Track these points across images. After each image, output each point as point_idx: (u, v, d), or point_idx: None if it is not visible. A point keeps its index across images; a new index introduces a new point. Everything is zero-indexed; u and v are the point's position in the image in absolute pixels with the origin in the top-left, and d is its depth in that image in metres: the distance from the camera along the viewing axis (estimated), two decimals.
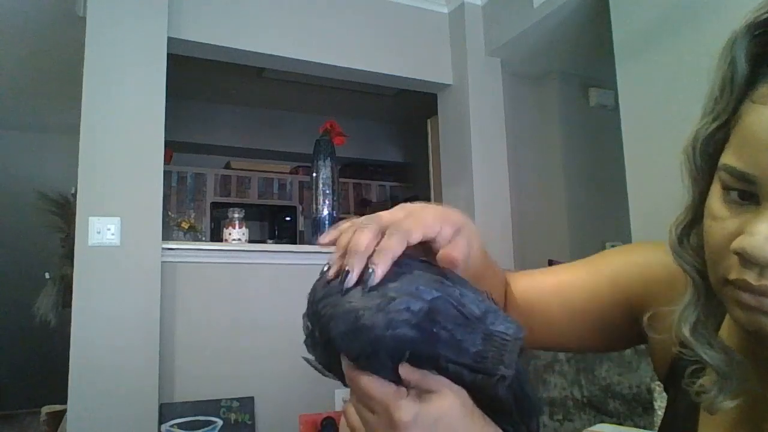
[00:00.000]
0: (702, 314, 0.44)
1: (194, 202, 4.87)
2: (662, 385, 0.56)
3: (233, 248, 2.59)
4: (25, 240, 4.43)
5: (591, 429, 1.51)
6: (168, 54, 2.44)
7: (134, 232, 2.25)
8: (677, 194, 0.51)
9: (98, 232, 2.19)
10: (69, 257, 2.48)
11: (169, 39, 2.45)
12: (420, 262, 0.42)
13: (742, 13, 0.43)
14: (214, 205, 4.93)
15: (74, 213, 2.25)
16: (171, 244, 2.41)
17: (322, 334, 0.41)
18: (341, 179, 5.07)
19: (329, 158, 2.92)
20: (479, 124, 3.04)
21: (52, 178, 4.19)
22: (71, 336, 2.11)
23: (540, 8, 2.69)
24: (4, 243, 4.54)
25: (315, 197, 2.91)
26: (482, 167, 3.01)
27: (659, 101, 2.16)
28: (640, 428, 1.64)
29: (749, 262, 0.37)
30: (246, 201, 4.95)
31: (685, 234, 0.46)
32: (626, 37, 2.31)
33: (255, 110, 5.06)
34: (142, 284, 2.25)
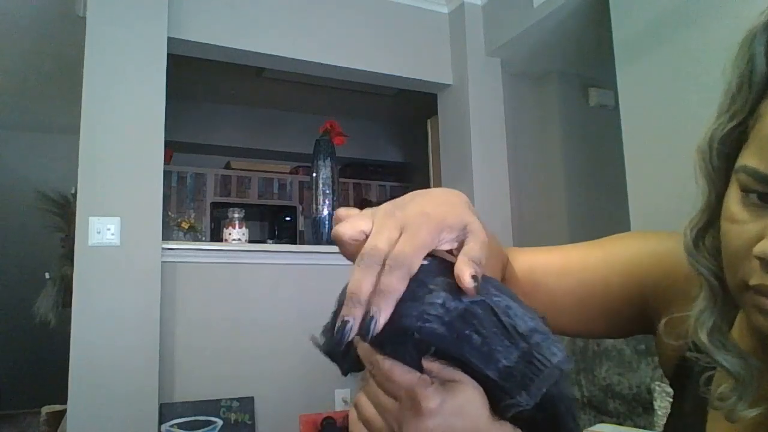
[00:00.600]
0: (718, 319, 0.43)
1: (194, 202, 4.87)
2: (668, 383, 0.56)
3: (233, 248, 2.59)
4: (25, 240, 4.43)
5: (591, 429, 1.51)
6: (168, 54, 2.44)
7: (134, 232, 2.25)
8: (677, 194, 0.50)
9: (98, 232, 2.19)
10: (69, 257, 2.48)
11: (169, 39, 2.45)
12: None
13: (742, 13, 0.43)
14: (214, 205, 4.93)
15: (74, 213, 2.25)
16: (171, 244, 2.41)
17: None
18: (341, 179, 5.07)
19: (329, 158, 2.93)
20: (479, 124, 3.05)
21: (52, 178, 4.19)
22: (71, 336, 2.11)
23: (540, 8, 2.69)
24: (4, 243, 4.54)
25: (315, 197, 2.91)
26: (482, 167, 3.01)
27: (659, 101, 2.16)
28: (640, 428, 1.64)
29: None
30: (246, 201, 4.95)
31: (701, 236, 0.44)
32: (626, 37, 2.31)
33: (255, 110, 5.06)
34: (142, 284, 2.25)
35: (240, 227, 2.69)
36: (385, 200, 0.44)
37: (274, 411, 2.48)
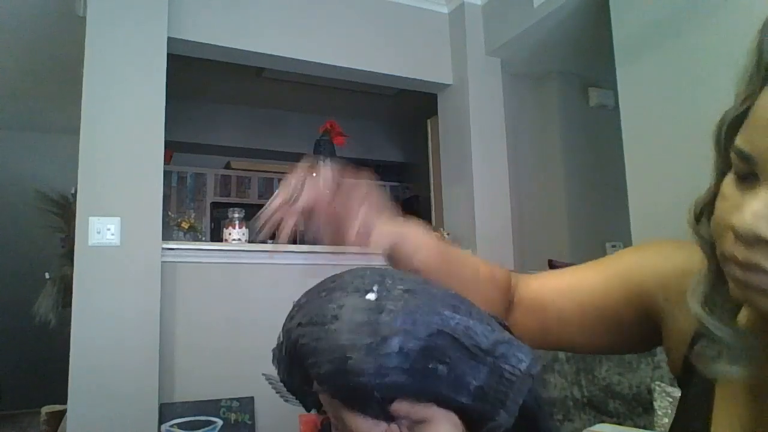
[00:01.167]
0: (713, 290, 0.45)
1: (194, 202, 4.87)
2: (677, 383, 0.56)
3: (233, 248, 2.59)
4: (25, 240, 4.43)
5: (591, 429, 1.51)
6: (168, 54, 2.44)
7: (134, 232, 2.25)
8: (677, 194, 0.51)
9: (98, 232, 2.19)
10: (69, 257, 2.48)
11: (169, 39, 2.45)
12: (425, 285, 0.40)
13: (742, 13, 0.44)
14: (214, 205, 4.93)
15: (74, 213, 2.25)
16: (171, 244, 2.41)
17: (293, 359, 0.39)
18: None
19: (329, 158, 2.93)
20: (479, 124, 3.05)
21: (52, 178, 4.19)
22: (71, 336, 2.11)
23: (540, 8, 2.69)
24: (4, 243, 4.54)
25: None
26: (482, 167, 3.01)
27: (659, 101, 2.16)
28: (640, 428, 1.64)
29: (739, 239, 0.39)
30: (246, 201, 4.95)
31: (703, 212, 0.47)
32: (626, 37, 2.31)
33: (255, 110, 5.06)
34: (142, 284, 2.25)
35: (240, 227, 2.68)
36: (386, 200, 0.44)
37: (274, 411, 2.48)
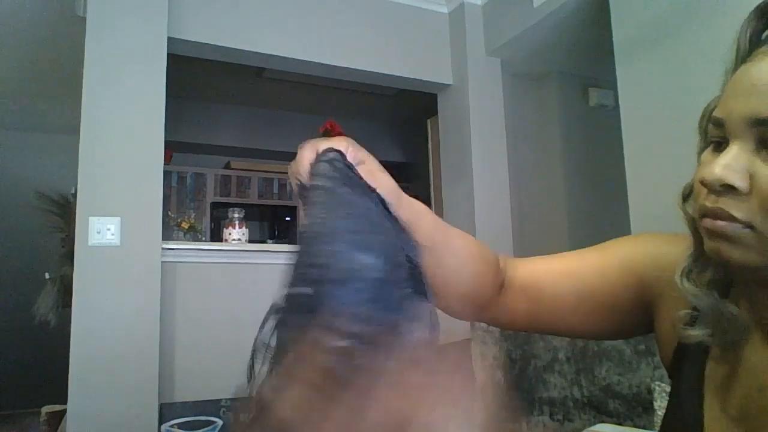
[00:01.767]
0: (695, 262, 0.48)
1: (194, 202, 4.87)
2: (668, 374, 0.57)
3: (233, 248, 2.59)
4: (25, 240, 4.43)
5: (591, 429, 1.51)
6: (168, 54, 2.44)
7: (134, 232, 2.25)
8: (677, 194, 0.52)
9: (98, 232, 2.19)
10: (69, 257, 2.48)
11: (169, 39, 2.45)
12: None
13: (742, 12, 0.46)
14: (214, 205, 4.93)
15: (74, 213, 2.25)
16: (171, 244, 2.41)
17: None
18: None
19: None
20: (479, 124, 3.04)
21: (52, 178, 4.19)
22: (71, 336, 2.11)
23: (540, 8, 2.69)
24: (4, 243, 4.54)
25: None
26: (482, 167, 3.01)
27: (659, 101, 2.16)
28: (640, 428, 1.64)
29: (708, 189, 0.43)
30: (246, 201, 4.95)
31: (689, 192, 0.50)
32: (626, 37, 2.31)
33: (255, 110, 5.06)
34: (142, 284, 2.25)
35: (240, 227, 2.69)
36: None
37: None
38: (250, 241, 2.83)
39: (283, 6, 2.80)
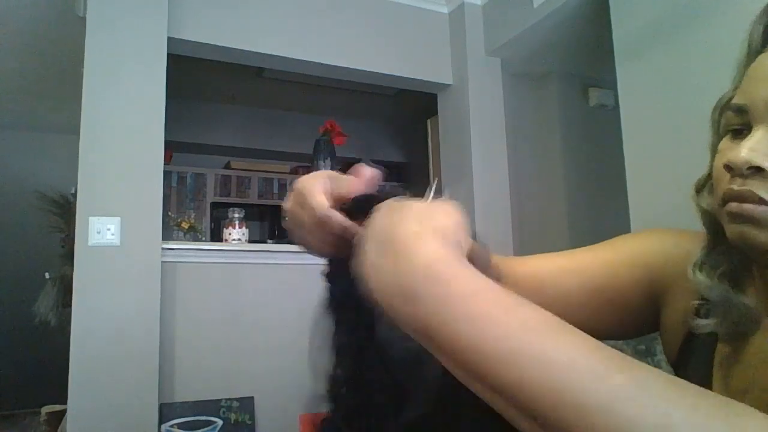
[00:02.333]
0: (710, 255, 0.48)
1: (194, 202, 4.87)
2: (672, 367, 0.56)
3: (233, 248, 2.59)
4: (25, 240, 4.43)
5: None
6: (168, 54, 2.44)
7: (134, 232, 2.25)
8: (677, 194, 0.52)
9: (98, 232, 2.19)
10: (69, 257, 2.48)
11: (169, 39, 2.45)
12: None
13: (742, 12, 0.47)
14: (214, 205, 4.93)
15: (74, 213, 2.25)
16: (171, 244, 2.41)
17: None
18: None
19: (329, 158, 2.93)
20: (479, 124, 3.04)
21: (52, 178, 4.19)
22: (71, 336, 2.11)
23: (540, 8, 2.69)
24: (4, 243, 4.54)
25: None
26: (482, 167, 3.01)
27: (659, 101, 2.16)
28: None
29: (735, 172, 0.42)
30: (246, 201, 4.95)
31: (703, 184, 0.50)
32: (626, 37, 2.30)
33: (255, 110, 5.06)
34: (142, 284, 2.25)
35: (240, 227, 2.69)
36: None
37: (274, 411, 2.48)
38: (250, 241, 2.83)
39: (283, 6, 2.80)
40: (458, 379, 0.33)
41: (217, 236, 4.30)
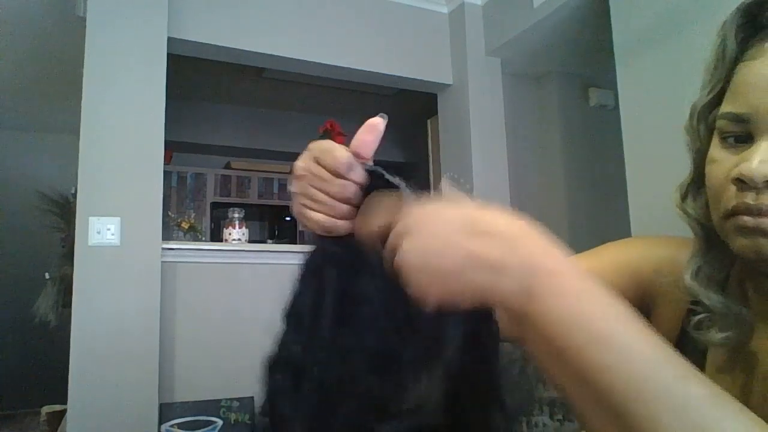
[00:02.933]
0: (704, 263, 0.48)
1: (194, 202, 4.87)
2: None
3: (233, 248, 2.59)
4: (25, 240, 4.43)
5: None
6: (168, 54, 2.44)
7: (134, 232, 2.25)
8: (672, 195, 0.52)
9: (98, 232, 2.19)
10: (69, 257, 2.48)
11: (169, 39, 2.45)
12: None
13: None
14: (214, 205, 4.93)
15: (74, 213, 2.25)
16: (171, 244, 2.41)
17: None
18: None
19: None
20: (479, 124, 3.04)
21: (52, 178, 4.19)
22: (71, 336, 2.11)
23: (540, 8, 2.69)
24: (4, 243, 4.54)
25: None
26: (482, 167, 3.01)
27: (659, 101, 2.16)
28: None
29: (747, 185, 0.41)
30: (246, 201, 4.95)
31: (687, 191, 0.50)
32: (626, 37, 2.30)
33: (255, 110, 5.06)
34: (142, 284, 2.25)
35: (240, 227, 2.69)
36: None
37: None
38: (250, 241, 2.83)
39: (283, 6, 2.80)
40: (539, 356, 0.34)
41: (217, 236, 4.30)
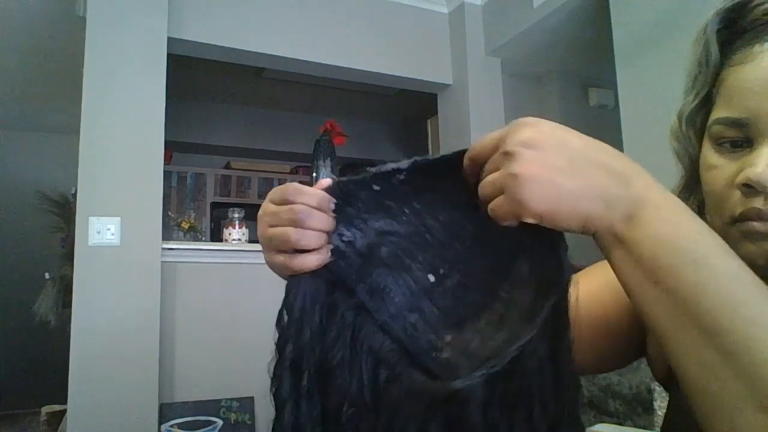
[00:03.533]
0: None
1: (194, 202, 4.87)
2: (661, 385, 0.56)
3: (233, 248, 2.59)
4: (25, 240, 4.43)
5: (591, 429, 1.51)
6: (168, 54, 2.44)
7: (134, 232, 2.25)
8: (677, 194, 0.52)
9: (98, 232, 2.19)
10: (69, 257, 2.48)
11: (169, 39, 2.45)
12: None
13: None
14: (214, 205, 4.93)
15: (74, 213, 2.25)
16: (171, 244, 2.41)
17: None
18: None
19: (329, 158, 2.92)
20: (479, 124, 3.04)
21: (52, 178, 4.19)
22: (71, 336, 2.11)
23: (540, 8, 2.69)
24: (4, 243, 4.54)
25: None
26: None
27: (659, 101, 2.16)
28: (640, 428, 1.64)
29: (755, 190, 0.41)
30: (246, 201, 4.94)
31: (681, 197, 0.49)
32: (626, 37, 2.30)
33: (255, 110, 5.06)
34: (142, 284, 2.25)
35: (240, 227, 2.69)
36: None
37: (274, 411, 2.48)
38: (250, 241, 2.82)
39: (283, 6, 2.80)
40: (631, 280, 0.37)
41: (217, 236, 4.30)
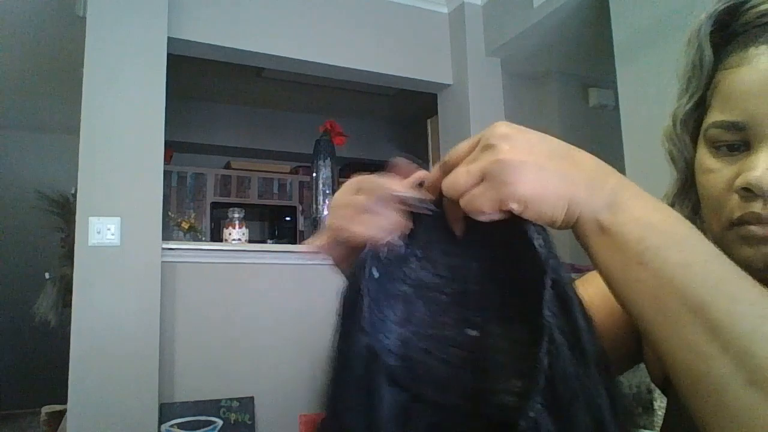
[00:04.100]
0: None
1: (194, 202, 4.87)
2: (660, 390, 0.56)
3: (233, 248, 2.59)
4: (25, 240, 4.43)
5: None
6: (168, 54, 2.44)
7: (134, 232, 2.25)
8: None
9: (98, 232, 2.19)
10: (69, 257, 2.48)
11: (169, 39, 2.45)
12: None
13: None
14: (214, 205, 4.93)
15: (74, 213, 2.25)
16: (171, 244, 2.41)
17: None
18: (341, 179, 5.07)
19: (329, 158, 2.93)
20: (479, 124, 3.04)
21: (52, 178, 4.19)
22: (71, 336, 2.11)
23: (540, 8, 2.69)
24: (4, 243, 4.54)
25: (315, 197, 2.91)
26: None
27: (659, 101, 2.16)
28: (640, 428, 1.64)
29: (753, 194, 0.41)
30: (246, 201, 4.95)
31: (674, 202, 0.50)
32: (626, 37, 2.30)
33: (255, 110, 5.06)
34: (142, 284, 2.25)
35: (240, 227, 2.69)
36: None
37: (274, 411, 2.48)
38: (250, 241, 2.82)
39: (283, 6, 2.80)
40: (614, 267, 0.36)
41: (217, 236, 4.30)
